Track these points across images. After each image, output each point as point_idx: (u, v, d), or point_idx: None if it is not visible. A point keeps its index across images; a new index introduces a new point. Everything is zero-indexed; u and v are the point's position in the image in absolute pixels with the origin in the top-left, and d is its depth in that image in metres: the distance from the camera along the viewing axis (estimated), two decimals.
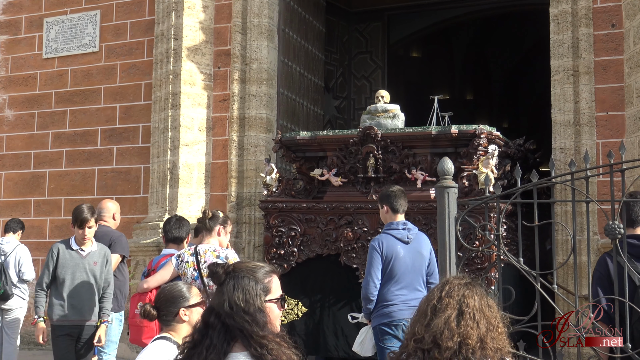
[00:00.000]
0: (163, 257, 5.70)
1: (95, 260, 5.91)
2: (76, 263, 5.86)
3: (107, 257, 6.01)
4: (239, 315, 2.58)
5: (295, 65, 9.67)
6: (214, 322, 2.58)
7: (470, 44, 17.88)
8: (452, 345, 2.38)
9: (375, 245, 5.52)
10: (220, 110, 9.07)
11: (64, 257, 5.84)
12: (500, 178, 6.95)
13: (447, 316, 2.43)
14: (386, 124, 7.42)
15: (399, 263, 5.49)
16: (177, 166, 8.80)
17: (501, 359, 2.41)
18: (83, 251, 5.89)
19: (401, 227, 5.60)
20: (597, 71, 7.39)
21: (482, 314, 2.44)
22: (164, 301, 3.50)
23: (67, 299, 5.81)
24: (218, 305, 2.61)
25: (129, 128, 9.72)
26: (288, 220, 7.59)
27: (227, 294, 2.61)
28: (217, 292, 2.68)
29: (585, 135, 7.31)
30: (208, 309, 2.71)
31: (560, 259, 6.92)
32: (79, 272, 5.85)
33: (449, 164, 4.13)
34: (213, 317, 2.59)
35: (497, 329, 2.45)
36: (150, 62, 9.54)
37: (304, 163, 7.75)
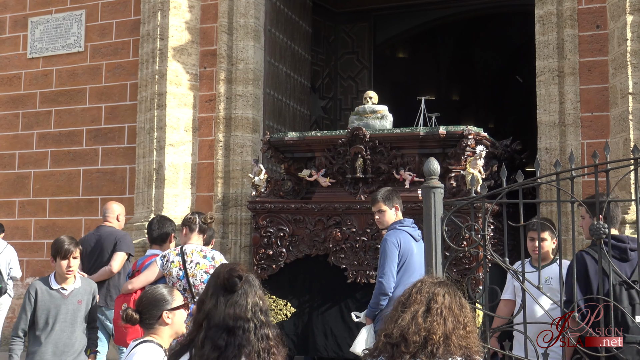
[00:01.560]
0: (147, 257, 5.68)
1: (79, 299, 5.15)
2: (57, 305, 5.06)
3: (94, 292, 5.30)
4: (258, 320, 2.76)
5: (281, 65, 9.66)
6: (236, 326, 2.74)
7: (456, 44, 17.94)
8: (418, 340, 2.40)
9: (394, 241, 5.47)
10: (206, 111, 9.04)
11: (43, 299, 5.04)
12: (487, 179, 6.98)
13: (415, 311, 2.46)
14: (374, 125, 7.43)
15: (413, 260, 5.50)
16: (163, 166, 8.77)
17: (468, 357, 2.43)
18: (65, 290, 5.11)
19: (412, 224, 5.63)
20: (582, 72, 7.43)
21: (451, 311, 2.47)
22: (147, 304, 3.49)
23: (48, 347, 5.02)
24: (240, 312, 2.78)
25: (115, 128, 9.68)
26: (277, 221, 7.59)
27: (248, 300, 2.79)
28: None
29: (571, 136, 7.35)
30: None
31: None
32: (61, 315, 5.05)
33: (435, 164, 4.14)
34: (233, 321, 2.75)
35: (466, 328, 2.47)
36: (136, 62, 9.50)
37: (293, 164, 7.75)
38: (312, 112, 11.27)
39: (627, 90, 6.88)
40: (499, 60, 18.41)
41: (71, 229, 9.73)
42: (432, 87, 18.06)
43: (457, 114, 17.59)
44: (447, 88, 18.83)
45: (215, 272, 2.97)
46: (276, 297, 7.49)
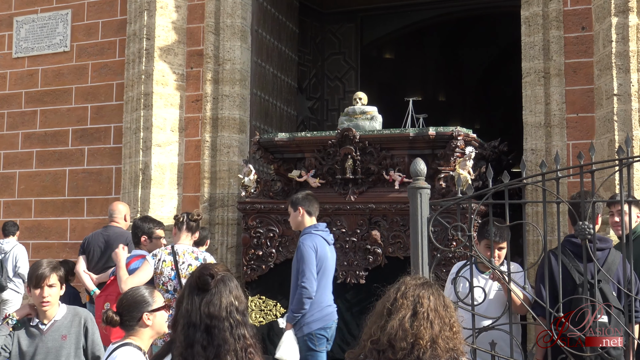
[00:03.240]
0: (133, 257, 5.66)
1: (63, 333, 4.21)
2: (35, 344, 4.16)
3: (86, 322, 4.29)
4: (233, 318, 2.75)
5: (268, 66, 9.66)
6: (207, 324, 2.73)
7: (442, 45, 17.99)
8: (406, 346, 2.41)
9: (310, 245, 5.50)
10: (192, 111, 9.03)
11: (20, 337, 4.17)
12: (475, 179, 7.01)
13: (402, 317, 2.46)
14: (364, 126, 7.45)
15: (328, 264, 5.58)
16: (150, 167, 8.75)
17: (454, 358, 2.44)
18: (44, 325, 4.19)
19: (325, 228, 5.68)
20: (568, 73, 7.48)
21: (437, 313, 2.47)
22: (127, 306, 3.48)
23: None
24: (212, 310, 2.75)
25: (101, 128, 9.64)
26: (266, 222, 7.61)
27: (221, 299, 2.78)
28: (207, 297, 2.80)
29: (556, 137, 7.39)
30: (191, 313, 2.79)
31: (532, 259, 6.98)
32: (39, 355, 4.15)
33: (421, 165, 4.16)
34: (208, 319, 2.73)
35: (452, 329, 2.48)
36: (122, 62, 9.47)
37: (282, 164, 7.76)
38: (299, 113, 11.28)
39: (612, 92, 6.93)
40: (485, 61, 18.48)
41: (57, 230, 9.69)
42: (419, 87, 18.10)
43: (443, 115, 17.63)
44: (434, 89, 18.88)
45: (192, 272, 2.99)
46: (266, 298, 7.50)
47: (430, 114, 8.93)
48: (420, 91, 17.79)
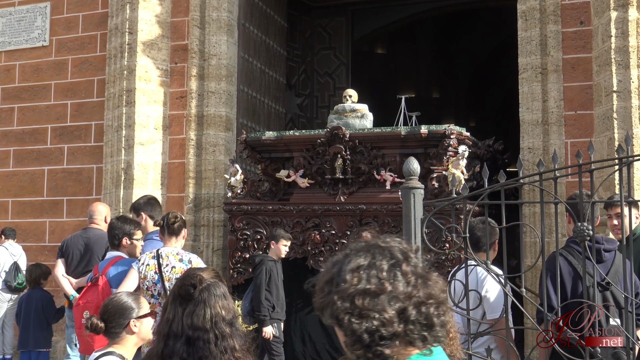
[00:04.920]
0: (110, 261, 5.61)
1: None
2: None
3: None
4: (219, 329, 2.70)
5: (255, 61, 9.64)
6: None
7: (436, 40, 18.02)
8: None
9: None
10: (177, 108, 9.00)
11: None
12: (469, 179, 7.02)
13: None
14: (354, 124, 7.46)
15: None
16: (132, 166, 8.72)
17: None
18: None
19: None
20: (566, 69, 7.49)
21: None
22: (113, 313, 3.45)
23: None
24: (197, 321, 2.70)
25: (81, 126, 9.60)
26: (253, 223, 7.60)
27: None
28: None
29: (554, 135, 7.40)
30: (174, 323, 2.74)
31: (529, 261, 7.00)
32: None
33: (415, 164, 4.15)
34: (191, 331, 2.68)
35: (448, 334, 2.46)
36: (104, 57, 9.43)
37: (270, 164, 7.76)
38: (288, 110, 11.27)
39: (611, 88, 6.95)
40: (480, 57, 18.52)
41: (35, 232, 9.64)
42: (412, 84, 18.14)
43: (437, 113, 17.67)
44: (427, 85, 18.91)
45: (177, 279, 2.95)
46: None
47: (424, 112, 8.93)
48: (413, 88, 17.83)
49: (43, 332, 7.90)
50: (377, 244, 1.82)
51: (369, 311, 1.69)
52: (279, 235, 7.03)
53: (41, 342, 7.90)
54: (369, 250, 1.81)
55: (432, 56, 18.35)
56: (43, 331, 7.89)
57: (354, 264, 1.78)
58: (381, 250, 1.81)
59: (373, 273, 1.75)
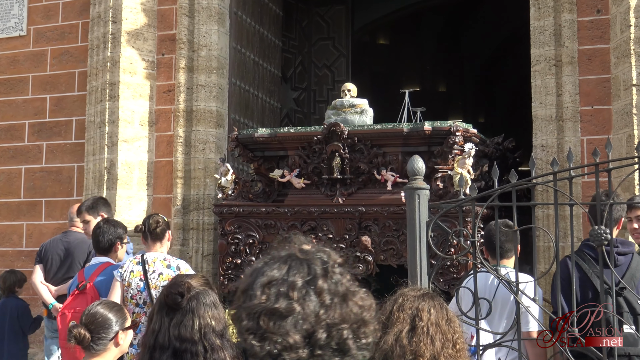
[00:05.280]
0: (98, 267, 5.60)
1: None
2: None
3: None
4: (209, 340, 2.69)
5: (249, 52, 9.64)
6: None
7: (442, 30, 18.02)
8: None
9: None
10: (164, 103, 9.00)
11: None
12: (477, 179, 7.02)
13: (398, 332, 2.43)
14: (353, 120, 7.46)
15: None
16: (116, 165, 8.72)
17: None
18: None
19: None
20: (582, 61, 7.50)
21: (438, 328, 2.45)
22: (101, 323, 3.44)
23: None
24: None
25: (61, 122, 9.59)
26: (245, 226, 7.61)
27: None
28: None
29: (569, 132, 7.41)
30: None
31: (542, 267, 7.01)
32: None
33: (419, 163, 4.15)
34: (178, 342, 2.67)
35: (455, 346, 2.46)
36: (85, 48, 9.42)
37: (263, 163, 7.76)
38: (283, 105, 11.27)
39: (630, 82, 6.96)
40: (490, 48, 18.53)
41: (11, 236, 9.63)
42: (416, 77, 18.15)
43: (443, 108, 17.68)
44: (433, 79, 18.91)
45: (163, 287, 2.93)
46: None
47: (429, 107, 8.94)
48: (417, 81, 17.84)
49: (18, 344, 7.88)
50: (296, 255, 1.78)
51: (272, 334, 1.67)
52: (298, 239, 6.93)
53: (16, 355, 7.88)
54: (285, 262, 1.77)
55: (438, 47, 18.35)
56: (18, 343, 7.87)
57: (266, 278, 1.74)
58: (299, 263, 1.77)
59: (283, 291, 1.71)
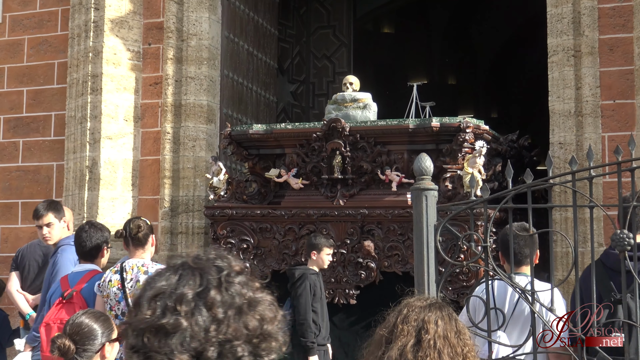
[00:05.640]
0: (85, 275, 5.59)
1: None
2: None
3: None
4: None
5: (242, 42, 9.63)
6: None
7: (452, 18, 18.02)
8: None
9: (71, 259, 5.99)
10: (151, 96, 8.99)
11: None
12: (489, 180, 7.02)
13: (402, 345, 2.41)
14: (355, 116, 7.46)
15: None
16: (98, 164, 8.70)
17: None
18: None
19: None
20: (603, 51, 7.48)
21: (446, 341, 2.43)
22: (87, 334, 3.43)
23: None
24: None
25: (39, 117, 9.57)
26: (239, 230, 7.62)
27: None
28: None
29: (589, 128, 7.39)
30: None
31: (560, 275, 6.99)
32: None
33: (427, 162, 4.14)
34: None
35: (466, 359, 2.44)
36: (66, 37, 9.41)
37: (258, 162, 7.77)
38: (280, 99, 11.26)
39: None
40: (503, 37, 18.52)
41: None
42: (423, 69, 18.15)
43: (453, 102, 17.69)
44: (441, 71, 18.92)
45: None
46: None
47: (438, 101, 8.94)
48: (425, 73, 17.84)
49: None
50: (189, 264, 1.73)
51: (156, 353, 1.63)
52: (321, 243, 6.85)
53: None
54: (176, 271, 1.72)
55: (446, 36, 18.34)
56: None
57: (153, 291, 1.70)
58: (191, 272, 1.72)
59: (170, 305, 1.67)
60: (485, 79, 19.48)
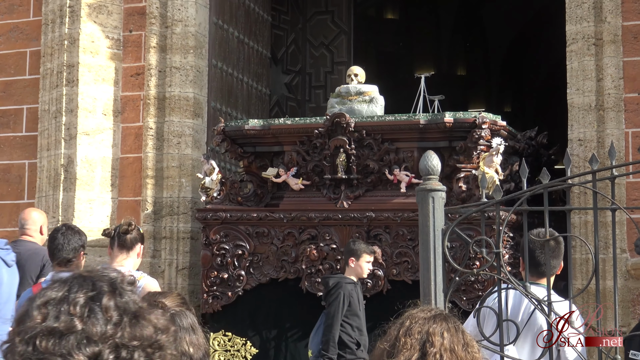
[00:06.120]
0: None
1: None
2: None
3: None
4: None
5: (232, 28, 9.64)
6: None
7: (461, 3, 18.03)
8: None
9: None
10: (132, 88, 9.00)
11: None
12: (506, 180, 7.03)
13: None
14: (361, 111, 7.48)
15: (2, 290, 5.95)
16: (74, 162, 8.71)
17: None
18: None
19: (5, 245, 5.99)
20: (626, 40, 7.50)
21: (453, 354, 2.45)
22: None
23: None
24: None
25: (9, 111, 9.58)
26: (233, 235, 7.62)
27: None
28: None
29: (611, 123, 7.41)
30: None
31: (579, 284, 7.01)
32: None
33: (434, 160, 4.15)
34: None
35: None
36: (39, 23, 9.41)
37: (254, 160, 7.78)
38: (273, 91, 11.27)
39: None
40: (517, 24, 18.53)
41: None
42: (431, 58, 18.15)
43: (463, 95, 17.70)
44: (451, 60, 18.92)
45: None
46: (232, 335, 7.50)
47: (447, 94, 8.96)
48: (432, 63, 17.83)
49: None
50: (80, 275, 1.79)
51: (51, 355, 1.67)
52: (361, 249, 6.72)
53: None
54: (66, 282, 1.78)
55: (456, 23, 18.36)
56: None
57: (43, 299, 1.75)
58: (82, 280, 1.78)
59: (64, 308, 1.72)
60: (498, 70, 19.49)
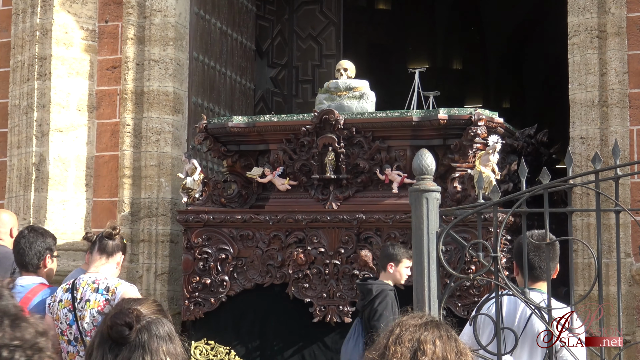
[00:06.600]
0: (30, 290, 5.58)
1: None
2: None
3: None
4: None
5: (214, 19, 9.63)
6: None
7: None
8: None
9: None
10: (108, 82, 8.98)
11: None
12: (503, 180, 7.05)
13: None
14: (351, 107, 7.48)
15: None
16: (46, 161, 8.69)
17: None
18: None
19: None
20: (631, 32, 7.51)
21: None
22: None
23: None
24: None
25: None
26: (216, 238, 7.63)
27: None
28: None
29: (615, 120, 7.42)
30: None
31: (581, 290, 7.02)
32: None
33: (428, 159, 4.15)
34: None
35: None
36: (8, 13, 9.39)
37: (239, 159, 7.79)
38: (258, 85, 11.27)
39: None
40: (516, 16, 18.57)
41: None
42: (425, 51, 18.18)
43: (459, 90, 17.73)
44: (446, 53, 18.95)
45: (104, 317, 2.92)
46: (215, 343, 7.50)
47: (442, 89, 8.97)
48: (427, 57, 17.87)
49: None
50: None
51: None
52: (400, 254, 6.56)
53: None
54: None
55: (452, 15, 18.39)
56: None
57: None
58: None
59: None
60: (496, 64, 19.52)
